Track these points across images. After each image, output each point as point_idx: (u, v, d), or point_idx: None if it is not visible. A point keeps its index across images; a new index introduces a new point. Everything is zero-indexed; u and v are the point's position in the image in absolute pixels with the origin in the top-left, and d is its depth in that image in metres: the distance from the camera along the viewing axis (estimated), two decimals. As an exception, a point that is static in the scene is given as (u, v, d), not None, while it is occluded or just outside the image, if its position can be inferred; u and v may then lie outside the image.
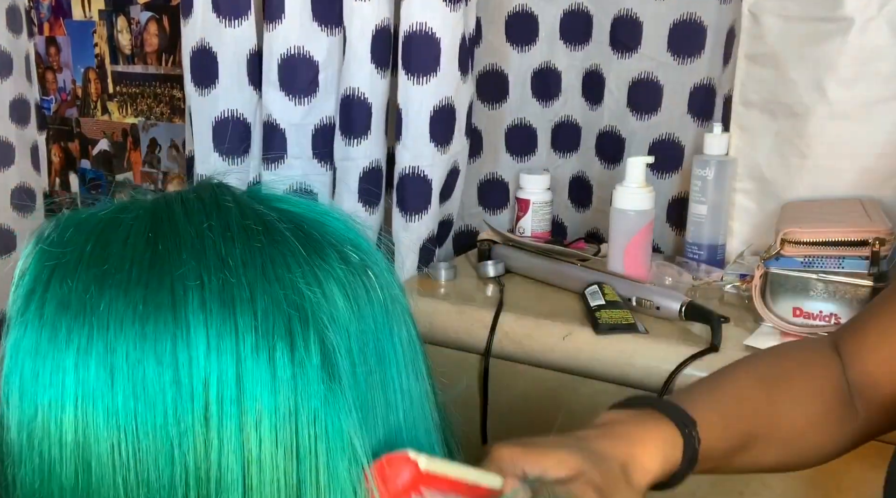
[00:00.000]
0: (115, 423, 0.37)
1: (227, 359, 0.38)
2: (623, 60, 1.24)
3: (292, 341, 0.39)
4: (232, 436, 0.37)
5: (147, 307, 0.38)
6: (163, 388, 0.37)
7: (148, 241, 0.40)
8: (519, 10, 1.29)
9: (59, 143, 1.72)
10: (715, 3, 1.18)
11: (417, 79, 1.13)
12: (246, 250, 0.40)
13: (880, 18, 1.01)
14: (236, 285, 0.39)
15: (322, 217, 0.45)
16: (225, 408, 0.37)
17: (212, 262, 0.39)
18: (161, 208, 0.42)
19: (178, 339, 0.38)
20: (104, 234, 0.41)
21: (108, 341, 0.38)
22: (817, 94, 1.06)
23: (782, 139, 1.11)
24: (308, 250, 0.41)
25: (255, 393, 0.38)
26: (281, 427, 0.38)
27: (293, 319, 0.39)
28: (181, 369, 0.37)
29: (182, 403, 0.37)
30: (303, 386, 0.38)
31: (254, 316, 0.38)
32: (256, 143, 1.24)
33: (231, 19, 1.17)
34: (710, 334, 0.92)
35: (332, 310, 0.40)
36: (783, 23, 1.09)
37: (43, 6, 1.64)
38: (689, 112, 1.22)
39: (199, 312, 0.38)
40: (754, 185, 1.15)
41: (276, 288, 0.39)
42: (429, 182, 1.17)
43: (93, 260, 0.39)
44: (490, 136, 1.35)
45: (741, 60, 1.13)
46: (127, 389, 0.37)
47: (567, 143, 1.34)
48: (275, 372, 0.38)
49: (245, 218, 0.42)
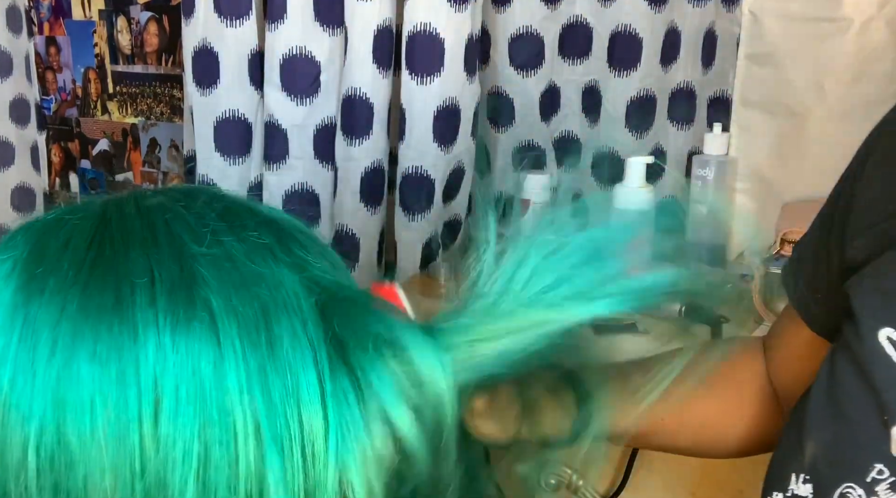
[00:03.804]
0: (30, 428, 0.35)
1: (183, 356, 0.36)
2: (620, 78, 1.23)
3: (256, 335, 0.37)
4: (187, 431, 0.35)
5: (84, 308, 0.36)
6: (100, 388, 0.35)
7: (92, 243, 0.38)
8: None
9: (59, 143, 1.72)
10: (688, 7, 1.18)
11: (421, 79, 1.13)
12: (202, 244, 0.38)
13: (880, 18, 1.02)
14: (192, 280, 0.37)
15: (278, 212, 0.44)
16: (181, 405, 0.35)
17: (163, 257, 0.38)
18: (112, 208, 0.41)
19: (123, 337, 0.36)
20: (45, 236, 0.39)
21: (33, 345, 0.36)
22: (817, 94, 1.07)
23: (782, 139, 1.11)
24: (272, 242, 0.40)
25: (215, 387, 0.36)
26: (250, 419, 0.36)
27: (260, 312, 0.37)
28: (126, 368, 0.35)
29: (127, 403, 0.35)
30: (271, 379, 0.37)
31: (209, 311, 0.37)
32: (258, 144, 1.24)
33: (233, 19, 1.17)
34: (710, 334, 0.92)
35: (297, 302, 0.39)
36: (783, 23, 1.09)
37: (43, 6, 1.64)
38: (670, 117, 1.23)
39: (148, 309, 0.36)
40: (754, 185, 1.15)
41: (234, 280, 0.38)
42: (431, 182, 1.17)
43: (28, 264, 0.38)
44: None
45: (741, 60, 1.14)
46: (46, 395, 0.35)
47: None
48: (238, 367, 0.36)
49: (202, 215, 0.40)
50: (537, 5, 1.25)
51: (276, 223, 0.42)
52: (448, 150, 1.18)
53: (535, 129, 1.32)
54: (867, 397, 0.51)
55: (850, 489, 0.51)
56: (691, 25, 1.19)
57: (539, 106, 1.30)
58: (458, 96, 1.16)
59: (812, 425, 0.56)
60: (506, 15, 1.26)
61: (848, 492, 0.51)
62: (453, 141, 1.18)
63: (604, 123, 1.26)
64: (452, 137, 1.18)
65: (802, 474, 0.55)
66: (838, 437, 0.53)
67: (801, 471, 0.55)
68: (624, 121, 1.23)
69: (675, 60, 1.21)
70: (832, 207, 0.62)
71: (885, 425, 0.50)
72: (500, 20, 1.27)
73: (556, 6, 1.26)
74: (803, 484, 0.55)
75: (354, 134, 1.17)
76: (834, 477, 0.52)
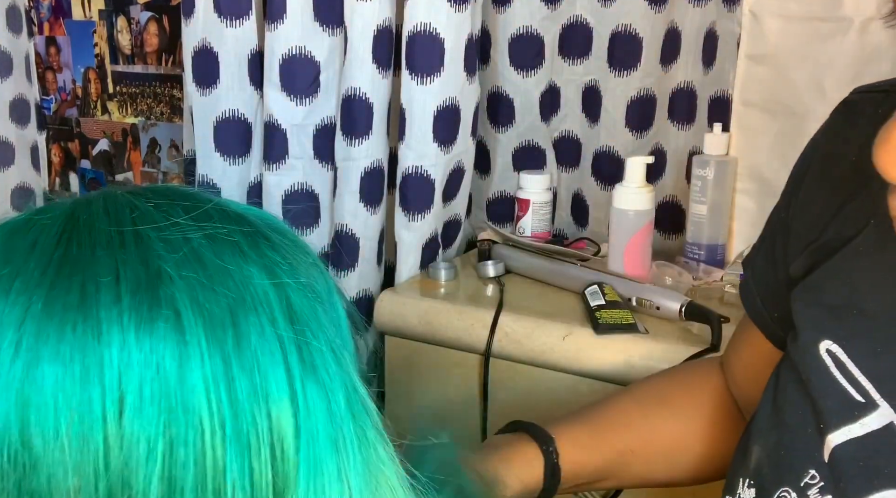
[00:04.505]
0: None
1: (147, 354, 0.35)
2: (620, 78, 1.23)
3: (222, 332, 0.37)
4: (152, 429, 0.35)
5: (49, 307, 0.36)
6: (63, 388, 0.35)
7: (59, 242, 0.38)
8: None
9: (59, 143, 1.72)
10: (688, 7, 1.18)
11: (421, 79, 1.13)
12: (169, 242, 0.38)
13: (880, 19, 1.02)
14: (157, 278, 0.37)
15: (251, 210, 0.43)
16: (145, 403, 0.35)
17: (130, 255, 0.37)
18: (80, 208, 0.40)
19: (87, 336, 0.35)
20: (13, 237, 0.39)
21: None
22: (817, 94, 1.07)
23: (782, 139, 1.11)
24: (240, 239, 0.40)
25: (179, 385, 0.35)
26: (216, 417, 0.36)
27: (227, 309, 0.37)
28: (90, 367, 0.35)
29: (91, 402, 0.35)
30: (237, 376, 0.36)
31: (174, 309, 0.36)
32: (257, 144, 1.24)
33: (232, 19, 1.17)
34: (710, 334, 0.92)
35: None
36: (784, 23, 1.09)
37: (43, 6, 1.64)
38: (671, 117, 1.23)
39: (113, 307, 0.36)
40: (754, 185, 1.15)
41: (201, 277, 0.37)
42: (431, 182, 1.17)
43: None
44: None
45: (741, 60, 1.14)
46: (10, 396, 0.35)
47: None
48: (203, 364, 0.36)
49: (169, 213, 0.40)
50: (537, 5, 1.26)
51: (245, 220, 0.42)
52: (448, 150, 1.18)
53: (535, 129, 1.32)
54: (806, 405, 0.53)
55: (786, 493, 0.52)
56: (692, 25, 1.19)
57: (539, 106, 1.30)
58: (458, 96, 1.16)
59: (757, 432, 0.57)
60: (506, 15, 1.26)
61: (784, 496, 0.52)
62: (453, 141, 1.18)
63: (603, 123, 1.26)
64: (452, 137, 1.18)
65: (748, 479, 0.56)
66: (779, 443, 0.54)
67: (746, 476, 0.57)
68: (624, 121, 1.23)
69: (675, 60, 1.21)
70: (773, 226, 0.65)
71: (821, 433, 0.51)
72: (500, 20, 1.27)
73: (556, 6, 1.26)
74: (748, 488, 0.56)
75: (354, 134, 1.17)
76: (774, 481, 0.53)
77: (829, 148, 0.61)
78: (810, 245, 0.59)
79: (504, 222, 1.37)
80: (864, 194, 0.55)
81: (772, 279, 0.64)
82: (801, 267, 0.59)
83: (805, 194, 0.61)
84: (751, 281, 0.68)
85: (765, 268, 0.65)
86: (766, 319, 0.66)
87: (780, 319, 0.63)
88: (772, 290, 0.64)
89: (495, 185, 1.37)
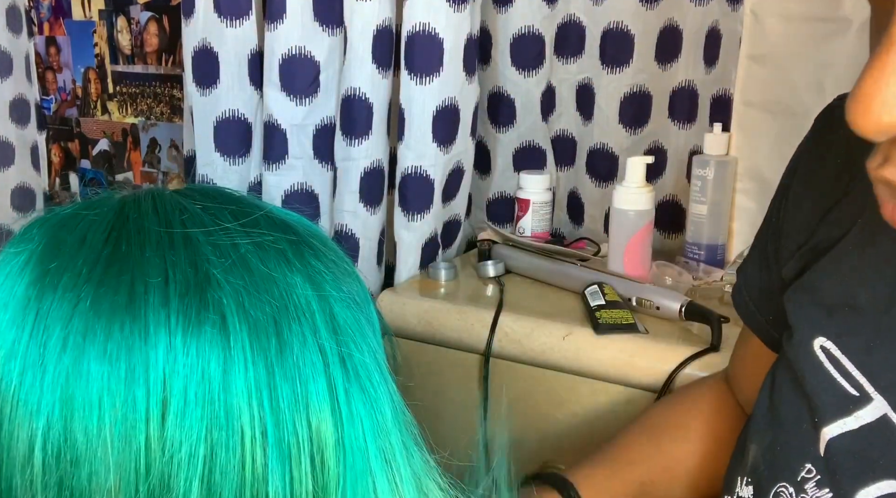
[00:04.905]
0: (37, 424, 0.35)
1: (192, 358, 0.36)
2: (612, 75, 1.23)
3: (266, 340, 0.37)
4: (194, 433, 0.35)
5: (96, 305, 0.36)
6: (108, 387, 0.35)
7: (108, 239, 0.38)
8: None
9: (59, 143, 1.72)
10: (689, 6, 1.18)
11: (420, 79, 1.13)
12: (218, 247, 0.38)
13: (880, 19, 1.02)
14: (206, 282, 0.37)
15: (294, 217, 0.44)
16: (189, 406, 0.35)
17: (179, 258, 0.37)
18: (129, 205, 0.40)
19: (134, 336, 0.35)
20: (61, 231, 0.39)
21: (44, 341, 0.36)
22: (817, 94, 1.06)
23: (782, 139, 1.11)
24: (286, 247, 0.40)
25: (223, 390, 0.36)
26: (258, 424, 0.36)
27: (271, 317, 0.37)
28: (136, 367, 0.35)
29: (135, 402, 0.35)
30: (279, 384, 0.37)
31: (221, 314, 0.36)
32: (257, 144, 1.24)
33: (232, 19, 1.17)
34: (710, 334, 0.92)
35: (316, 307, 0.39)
36: (784, 23, 1.09)
37: (43, 6, 1.64)
38: (671, 117, 1.23)
39: (161, 310, 0.36)
40: (754, 185, 1.15)
41: (248, 284, 0.37)
42: (431, 182, 1.17)
43: (43, 258, 0.38)
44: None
45: (742, 60, 1.14)
46: (55, 391, 0.35)
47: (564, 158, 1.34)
48: (246, 370, 0.36)
49: (218, 217, 0.40)
50: (538, 4, 1.26)
51: (291, 228, 0.42)
52: (447, 150, 1.18)
53: (535, 130, 1.32)
54: (801, 402, 0.54)
55: (784, 488, 0.53)
56: (693, 24, 1.18)
57: (540, 106, 1.30)
58: (457, 96, 1.16)
59: (754, 431, 0.58)
60: (507, 15, 1.26)
61: (781, 491, 0.53)
62: (452, 141, 1.18)
63: (597, 121, 1.26)
64: (451, 137, 1.18)
65: (746, 477, 0.57)
66: (775, 440, 0.55)
67: (744, 474, 0.58)
68: (617, 118, 1.23)
69: (675, 59, 1.21)
70: (765, 233, 0.66)
71: (815, 427, 0.52)
72: (500, 20, 1.27)
73: (555, 5, 1.26)
74: (746, 486, 0.57)
75: (354, 134, 1.17)
76: (771, 478, 0.54)
77: (813, 154, 0.62)
78: (801, 248, 0.60)
79: (504, 222, 1.37)
80: (849, 198, 0.56)
81: (764, 283, 0.65)
82: (793, 269, 0.60)
83: (793, 200, 0.62)
84: (743, 287, 0.69)
85: (756, 273, 0.66)
86: (760, 322, 0.67)
87: (775, 322, 0.64)
88: (765, 293, 0.65)
89: (495, 185, 1.37)
